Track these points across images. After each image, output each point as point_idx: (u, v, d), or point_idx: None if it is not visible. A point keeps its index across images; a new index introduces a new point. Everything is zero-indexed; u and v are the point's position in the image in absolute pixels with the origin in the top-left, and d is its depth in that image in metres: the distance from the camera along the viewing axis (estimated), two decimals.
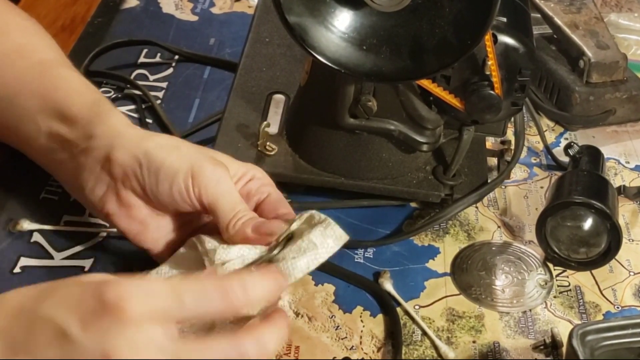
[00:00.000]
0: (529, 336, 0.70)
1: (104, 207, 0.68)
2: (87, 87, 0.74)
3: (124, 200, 0.67)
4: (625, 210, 0.83)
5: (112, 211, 0.68)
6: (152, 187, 0.65)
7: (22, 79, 0.74)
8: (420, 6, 0.67)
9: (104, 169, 0.67)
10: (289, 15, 0.67)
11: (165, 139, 0.68)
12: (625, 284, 0.75)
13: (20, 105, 0.73)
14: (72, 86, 0.73)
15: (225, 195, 0.64)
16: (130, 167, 0.65)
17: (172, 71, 0.97)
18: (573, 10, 0.98)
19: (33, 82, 0.74)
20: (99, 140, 0.68)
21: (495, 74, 0.72)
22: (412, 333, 0.69)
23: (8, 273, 0.71)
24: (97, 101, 0.71)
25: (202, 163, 0.65)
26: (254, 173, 0.69)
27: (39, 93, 0.73)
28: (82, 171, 0.68)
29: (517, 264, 0.76)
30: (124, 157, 0.66)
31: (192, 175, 0.64)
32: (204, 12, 1.09)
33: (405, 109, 0.75)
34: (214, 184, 0.64)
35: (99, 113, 0.70)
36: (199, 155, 0.66)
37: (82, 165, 0.68)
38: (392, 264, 0.75)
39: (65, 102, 0.71)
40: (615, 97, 0.92)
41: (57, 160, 0.72)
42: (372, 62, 0.69)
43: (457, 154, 0.78)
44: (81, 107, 0.70)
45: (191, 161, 0.65)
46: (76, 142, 0.69)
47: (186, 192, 0.64)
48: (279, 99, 0.84)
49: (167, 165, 0.65)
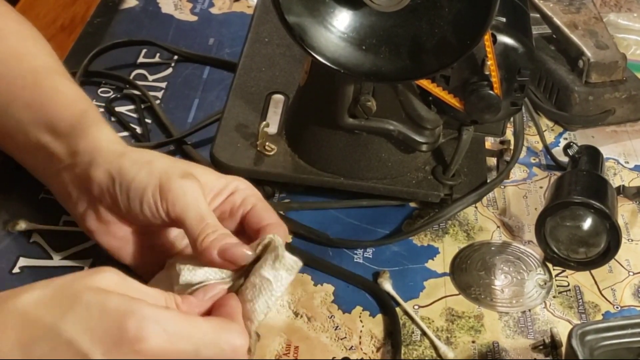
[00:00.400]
0: (529, 336, 0.70)
1: (85, 223, 0.68)
2: (76, 98, 0.74)
3: (103, 218, 0.67)
4: (625, 210, 0.83)
5: (93, 227, 0.68)
6: (124, 203, 0.65)
7: (15, 87, 0.74)
8: (419, 6, 0.67)
9: (84, 186, 0.67)
10: (288, 15, 0.67)
11: (140, 154, 0.67)
12: (624, 283, 0.75)
13: (13, 115, 0.73)
14: (62, 98, 0.73)
15: (191, 208, 0.62)
16: (105, 185, 0.65)
17: (171, 71, 0.97)
18: (572, 10, 0.98)
19: (25, 91, 0.74)
20: (80, 157, 0.68)
21: (494, 74, 0.72)
22: (411, 333, 0.69)
23: (7, 273, 0.71)
24: (84, 113, 0.71)
25: (170, 176, 0.64)
26: (237, 185, 0.67)
27: (31, 104, 0.73)
28: (66, 187, 0.69)
29: (517, 264, 0.76)
30: (100, 176, 0.66)
31: (160, 189, 0.63)
32: (203, 12, 1.09)
33: (405, 109, 0.75)
34: (181, 196, 0.63)
35: (83, 128, 0.69)
36: (169, 169, 0.65)
37: (66, 181, 0.69)
38: (392, 264, 0.75)
39: (54, 115, 0.71)
40: (614, 97, 0.92)
41: (46, 173, 0.72)
42: (372, 62, 0.69)
43: (456, 154, 0.78)
44: (68, 121, 0.70)
45: (160, 175, 0.64)
46: (61, 157, 0.69)
47: (155, 206, 0.63)
48: (278, 99, 0.84)
49: (137, 181, 0.64)
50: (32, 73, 0.75)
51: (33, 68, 0.76)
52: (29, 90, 0.74)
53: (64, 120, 0.71)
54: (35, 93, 0.73)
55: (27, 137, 0.72)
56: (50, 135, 0.71)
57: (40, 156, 0.72)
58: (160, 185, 0.63)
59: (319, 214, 0.79)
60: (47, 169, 0.72)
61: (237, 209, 0.66)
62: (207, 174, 0.67)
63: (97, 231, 0.68)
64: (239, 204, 0.66)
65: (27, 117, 0.72)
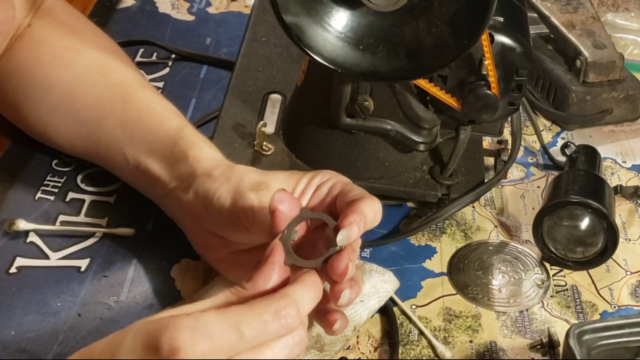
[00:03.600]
0: (526, 336, 0.70)
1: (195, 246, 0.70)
2: (169, 114, 0.74)
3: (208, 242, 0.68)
4: (622, 209, 0.83)
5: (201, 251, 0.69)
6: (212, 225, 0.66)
7: (104, 102, 0.74)
8: (417, 6, 0.67)
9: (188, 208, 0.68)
10: (285, 15, 0.67)
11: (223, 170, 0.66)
12: (622, 283, 0.75)
13: (106, 132, 0.73)
14: (155, 115, 0.73)
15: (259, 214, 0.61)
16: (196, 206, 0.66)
17: (168, 71, 0.97)
18: (570, 9, 0.98)
19: (115, 107, 0.73)
20: (184, 181, 0.68)
21: (492, 74, 0.72)
22: (409, 333, 0.69)
23: (4, 273, 0.71)
24: (179, 132, 0.71)
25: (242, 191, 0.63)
26: (321, 178, 0.64)
27: (124, 122, 0.73)
28: (176, 209, 0.70)
29: (514, 264, 0.76)
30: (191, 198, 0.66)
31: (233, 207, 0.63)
32: (201, 11, 1.09)
33: (402, 108, 0.75)
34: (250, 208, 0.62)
35: (182, 150, 0.69)
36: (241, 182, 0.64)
37: (175, 204, 0.70)
38: (389, 264, 0.74)
39: (150, 134, 0.71)
40: (611, 97, 0.92)
41: (153, 195, 0.73)
42: (369, 62, 0.69)
43: (453, 153, 0.78)
44: (164, 142, 0.70)
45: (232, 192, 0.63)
46: (165, 181, 0.70)
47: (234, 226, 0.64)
48: (275, 98, 0.84)
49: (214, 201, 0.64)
50: (119, 87, 0.75)
51: (119, 82, 0.75)
52: (119, 107, 0.73)
53: (159, 140, 0.70)
54: (126, 109, 0.73)
55: (124, 157, 0.72)
56: (148, 157, 0.71)
57: (143, 178, 0.72)
58: (233, 201, 0.63)
59: None
60: (153, 192, 0.73)
61: (325, 199, 0.63)
62: (286, 177, 0.65)
63: (207, 257, 0.69)
64: (325, 193, 0.63)
65: (121, 135, 0.72)
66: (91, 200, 0.79)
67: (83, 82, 0.75)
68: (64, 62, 0.77)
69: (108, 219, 0.77)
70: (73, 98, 0.75)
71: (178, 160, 0.69)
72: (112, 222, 0.77)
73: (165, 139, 0.70)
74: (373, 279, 0.69)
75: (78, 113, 0.75)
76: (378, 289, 0.69)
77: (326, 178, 0.64)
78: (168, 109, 0.74)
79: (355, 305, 0.67)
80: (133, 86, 0.75)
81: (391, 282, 0.70)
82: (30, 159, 0.83)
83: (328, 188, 0.63)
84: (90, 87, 0.75)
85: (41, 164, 0.82)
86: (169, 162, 0.70)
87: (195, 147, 0.69)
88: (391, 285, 0.70)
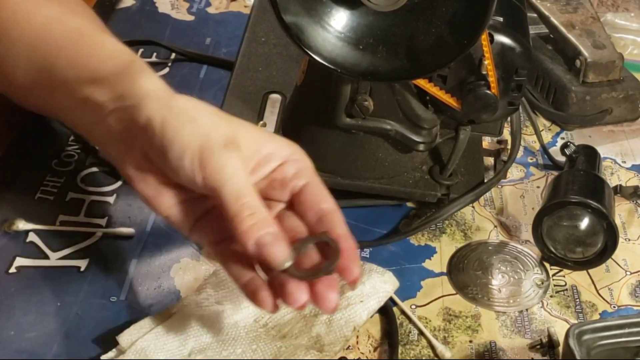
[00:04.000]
0: (526, 336, 0.70)
1: (123, 168, 0.65)
2: (121, 51, 0.71)
3: (141, 165, 0.63)
4: (622, 209, 0.83)
5: (131, 173, 0.64)
6: (162, 160, 0.61)
7: (60, 46, 0.73)
8: (416, 6, 0.67)
9: (126, 130, 0.64)
10: (285, 15, 0.67)
11: (186, 105, 0.62)
12: (621, 283, 0.75)
13: (57, 74, 0.71)
14: (106, 52, 0.71)
15: (229, 183, 0.58)
16: (146, 131, 0.62)
17: (168, 71, 0.97)
18: (569, 9, 0.98)
19: (70, 49, 0.72)
20: (126, 100, 0.64)
21: (491, 74, 0.72)
22: (408, 333, 0.69)
23: (3, 273, 0.71)
24: (130, 64, 0.68)
25: (212, 145, 0.59)
26: (289, 154, 0.62)
27: (75, 61, 0.71)
28: (109, 131, 0.65)
29: (514, 264, 0.76)
30: (143, 121, 0.62)
31: (199, 159, 0.59)
32: (200, 11, 1.09)
33: (402, 108, 0.75)
34: (219, 169, 0.58)
35: (129, 74, 0.66)
36: (212, 133, 0.60)
37: (110, 125, 0.65)
38: (389, 264, 0.74)
39: (98, 67, 0.69)
40: (611, 97, 0.92)
41: (90, 123, 0.69)
42: (369, 62, 0.69)
43: (453, 153, 0.78)
44: (113, 70, 0.68)
45: (202, 141, 0.60)
46: (106, 103, 0.66)
47: (192, 175, 0.59)
48: (275, 98, 0.84)
49: (178, 142, 0.60)
50: (75, 32, 0.74)
51: (76, 28, 0.74)
52: (72, 48, 0.72)
53: (107, 70, 0.68)
54: (79, 49, 0.72)
55: (72, 95, 0.69)
56: (94, 86, 0.67)
57: (85, 109, 0.68)
58: (200, 153, 0.59)
59: None
60: (91, 119, 0.68)
61: (288, 182, 0.61)
62: (256, 136, 0.62)
63: (134, 178, 0.64)
64: (290, 176, 0.61)
65: (72, 74, 0.70)
66: (91, 200, 0.79)
67: (43, 32, 0.75)
68: (25, 16, 0.77)
69: (108, 219, 0.77)
70: (32, 49, 0.75)
71: (124, 82, 0.66)
72: (112, 222, 0.77)
73: (114, 68, 0.68)
74: (373, 279, 0.69)
75: (37, 62, 0.75)
76: (378, 289, 0.69)
77: (295, 157, 0.62)
78: (122, 47, 0.72)
79: (354, 306, 0.67)
80: (89, 30, 0.75)
81: (391, 282, 0.70)
82: (30, 158, 0.83)
83: (295, 170, 0.62)
84: (48, 35, 0.74)
85: (41, 164, 0.82)
86: (114, 86, 0.66)
87: (143, 73, 0.67)
88: (391, 285, 0.70)
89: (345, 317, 0.66)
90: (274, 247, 0.57)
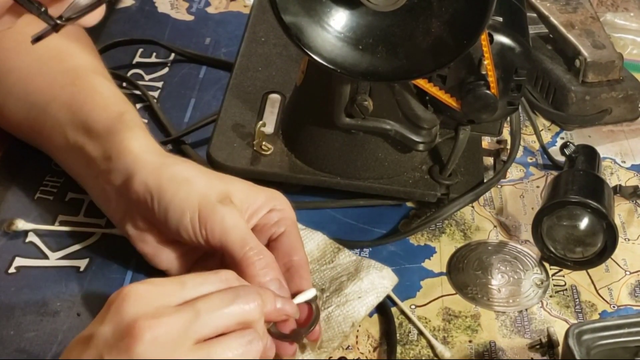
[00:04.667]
0: (525, 336, 0.70)
1: (123, 227, 0.69)
2: (115, 100, 0.73)
3: (139, 225, 0.68)
4: (621, 209, 0.83)
5: (130, 232, 0.68)
6: (162, 220, 0.65)
7: (55, 86, 0.74)
8: (416, 6, 0.67)
9: (121, 194, 0.68)
10: (284, 15, 0.67)
11: (178, 168, 0.67)
12: (621, 283, 0.75)
13: (51, 114, 0.74)
14: (99, 99, 0.73)
15: (232, 233, 0.63)
16: (143, 199, 0.65)
17: (167, 71, 0.97)
18: (569, 9, 0.98)
19: (64, 90, 0.74)
20: (114, 163, 0.68)
21: (491, 74, 0.72)
22: (408, 333, 0.69)
23: (3, 273, 0.71)
24: (120, 116, 0.71)
25: (209, 202, 0.64)
26: (275, 204, 0.67)
27: (69, 104, 0.73)
28: (104, 192, 0.70)
29: (513, 264, 0.76)
30: (138, 188, 0.66)
31: (199, 216, 0.64)
32: (200, 11, 1.09)
33: (401, 108, 0.75)
34: (220, 223, 0.63)
35: (118, 131, 0.69)
36: (208, 192, 0.65)
37: (103, 186, 0.69)
38: (388, 264, 0.74)
39: (90, 116, 0.71)
40: (611, 97, 0.92)
41: (84, 176, 0.73)
42: (368, 62, 0.69)
43: (453, 153, 0.78)
44: (104, 123, 0.70)
45: (199, 200, 0.64)
46: (97, 161, 0.70)
47: (193, 231, 0.64)
48: (274, 98, 0.84)
49: (176, 204, 0.64)
50: (72, 72, 0.75)
51: (73, 67, 0.76)
52: (68, 90, 0.74)
53: (99, 122, 0.70)
54: (74, 93, 0.73)
55: (65, 139, 0.72)
56: (86, 137, 0.70)
57: (78, 158, 0.72)
58: (200, 211, 0.63)
59: (315, 213, 0.79)
60: (84, 172, 0.72)
61: (269, 228, 0.67)
62: (247, 190, 0.67)
63: (134, 237, 0.68)
64: (272, 223, 0.67)
65: (65, 117, 0.72)
66: (90, 200, 0.78)
67: (40, 66, 0.76)
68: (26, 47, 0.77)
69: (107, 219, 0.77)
70: (28, 81, 0.76)
71: (111, 141, 0.69)
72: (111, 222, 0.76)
73: (106, 121, 0.70)
74: (371, 275, 0.69)
75: (30, 96, 0.76)
76: (376, 285, 0.69)
77: (280, 207, 0.67)
78: (115, 94, 0.74)
79: (353, 302, 0.67)
80: (85, 72, 0.76)
81: (389, 278, 0.70)
82: (29, 159, 0.82)
83: (277, 218, 0.67)
84: (45, 71, 0.76)
85: (41, 164, 0.82)
86: (103, 142, 0.69)
87: (131, 131, 0.69)
88: (389, 281, 0.70)
89: (344, 313, 0.66)
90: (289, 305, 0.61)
